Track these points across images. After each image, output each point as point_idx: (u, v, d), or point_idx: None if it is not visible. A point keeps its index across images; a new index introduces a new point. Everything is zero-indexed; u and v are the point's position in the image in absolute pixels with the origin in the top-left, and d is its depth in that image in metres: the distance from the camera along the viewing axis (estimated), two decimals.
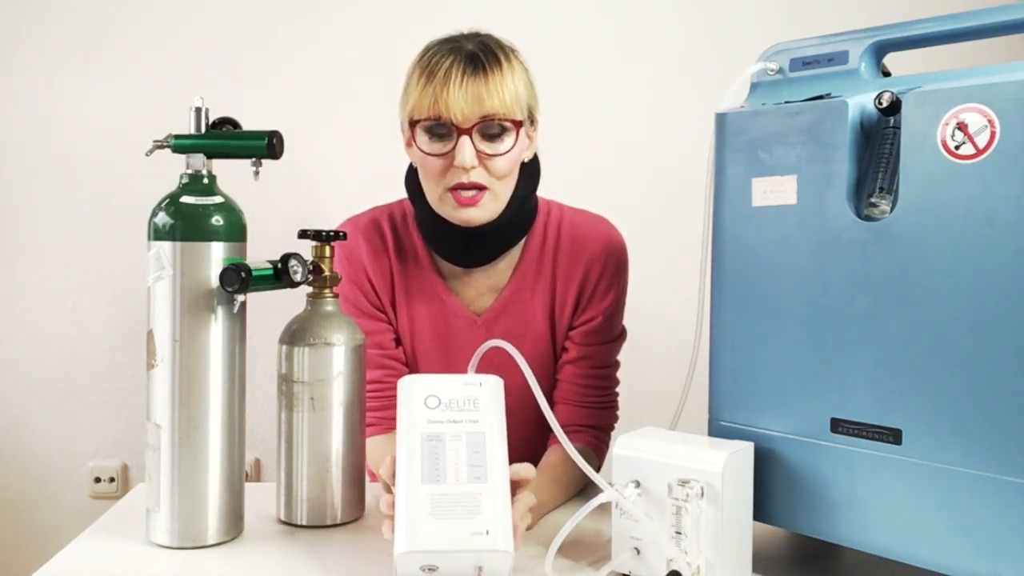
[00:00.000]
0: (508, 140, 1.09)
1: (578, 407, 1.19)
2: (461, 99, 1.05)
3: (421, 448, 0.80)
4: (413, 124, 1.10)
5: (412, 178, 1.18)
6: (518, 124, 1.09)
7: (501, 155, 1.08)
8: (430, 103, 1.06)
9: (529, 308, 1.19)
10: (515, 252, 1.20)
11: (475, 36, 1.12)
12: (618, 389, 1.25)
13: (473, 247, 1.16)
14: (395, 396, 1.18)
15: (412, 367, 1.22)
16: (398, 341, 1.22)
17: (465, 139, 1.06)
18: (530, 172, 1.18)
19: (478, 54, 1.08)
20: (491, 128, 1.07)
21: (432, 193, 1.12)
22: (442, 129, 1.07)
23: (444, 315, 1.20)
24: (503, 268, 1.20)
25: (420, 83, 1.07)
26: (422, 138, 1.09)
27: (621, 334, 1.25)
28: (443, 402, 0.83)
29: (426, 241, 1.20)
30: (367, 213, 1.24)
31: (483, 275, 1.20)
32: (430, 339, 1.20)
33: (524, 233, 1.19)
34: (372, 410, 1.14)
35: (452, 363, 1.19)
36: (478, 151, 1.07)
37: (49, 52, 1.87)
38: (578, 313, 1.20)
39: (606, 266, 1.20)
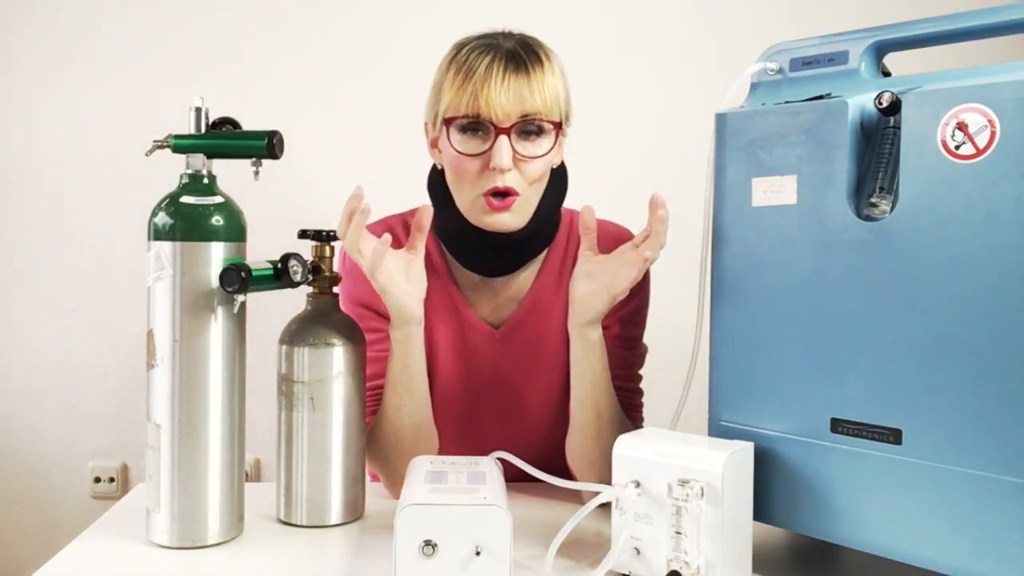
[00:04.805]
0: (546, 143, 1.05)
1: None
2: (503, 97, 1.01)
3: (425, 475, 0.87)
4: (448, 123, 1.05)
5: (435, 181, 1.13)
6: (557, 126, 1.06)
7: (538, 157, 1.05)
8: (469, 100, 1.02)
9: (548, 320, 1.15)
10: (537, 262, 1.17)
11: (512, 35, 1.10)
12: (642, 400, 1.19)
13: (499, 256, 1.12)
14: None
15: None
16: None
17: (503, 139, 1.02)
18: (559, 180, 1.14)
19: (518, 51, 1.05)
20: (530, 127, 1.04)
21: (464, 198, 1.08)
22: (479, 128, 1.04)
23: (461, 328, 1.16)
24: (524, 279, 1.16)
25: (457, 80, 1.04)
26: (456, 137, 1.05)
27: (639, 347, 1.19)
28: (447, 463, 0.92)
29: (448, 248, 1.15)
30: (380, 222, 1.18)
31: (503, 286, 1.16)
32: (448, 351, 1.15)
33: (548, 243, 1.16)
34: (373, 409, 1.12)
35: (470, 376, 1.16)
36: (515, 152, 1.03)
37: (47, 51, 1.87)
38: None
39: None
